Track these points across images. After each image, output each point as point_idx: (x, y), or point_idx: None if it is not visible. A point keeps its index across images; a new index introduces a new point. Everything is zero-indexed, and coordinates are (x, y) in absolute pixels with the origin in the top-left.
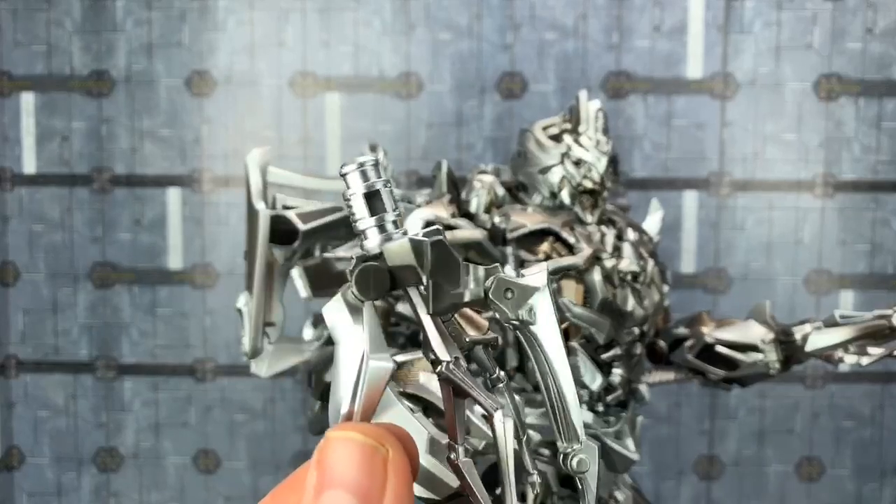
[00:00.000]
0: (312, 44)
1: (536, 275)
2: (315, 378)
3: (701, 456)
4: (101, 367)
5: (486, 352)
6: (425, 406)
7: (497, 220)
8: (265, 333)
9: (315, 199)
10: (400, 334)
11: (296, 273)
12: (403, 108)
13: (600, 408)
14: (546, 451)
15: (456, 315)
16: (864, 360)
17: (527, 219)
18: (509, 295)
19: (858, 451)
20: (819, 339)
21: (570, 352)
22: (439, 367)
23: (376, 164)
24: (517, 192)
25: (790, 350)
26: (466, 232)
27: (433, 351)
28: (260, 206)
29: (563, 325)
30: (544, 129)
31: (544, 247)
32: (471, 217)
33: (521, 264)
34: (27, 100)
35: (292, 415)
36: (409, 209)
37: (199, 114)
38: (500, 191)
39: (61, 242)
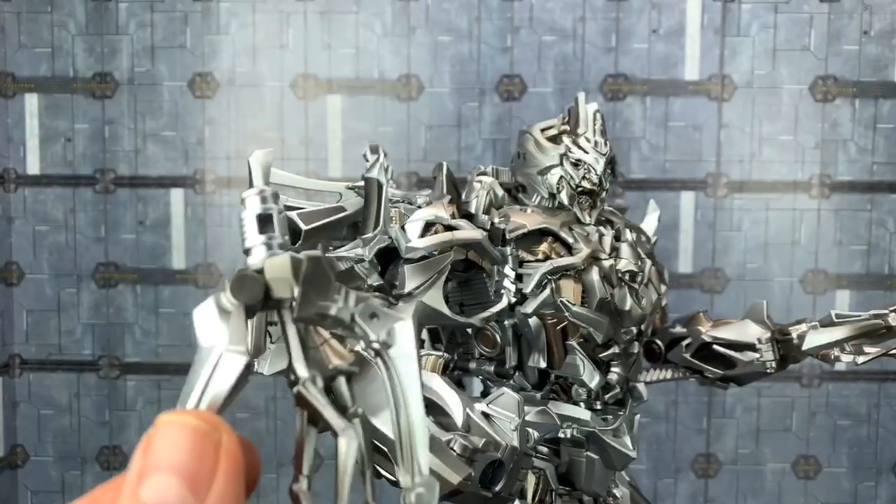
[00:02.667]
0: (314, 46)
1: (404, 307)
2: None
3: (698, 454)
4: (104, 366)
5: (348, 384)
6: (426, 405)
7: (497, 220)
8: (267, 332)
9: (316, 199)
10: None
11: None
12: (404, 110)
13: (599, 406)
14: (545, 449)
15: (323, 343)
16: (861, 359)
17: (526, 219)
18: (375, 320)
19: (855, 449)
20: (815, 339)
21: (568, 350)
22: (296, 386)
23: (276, 195)
24: (516, 192)
25: (787, 349)
26: (466, 232)
27: (293, 369)
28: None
29: (562, 325)
30: (543, 130)
31: (543, 247)
32: (471, 218)
33: (520, 264)
34: (31, 101)
35: (294, 413)
36: (410, 210)
37: (201, 115)
38: (500, 192)
39: (65, 243)
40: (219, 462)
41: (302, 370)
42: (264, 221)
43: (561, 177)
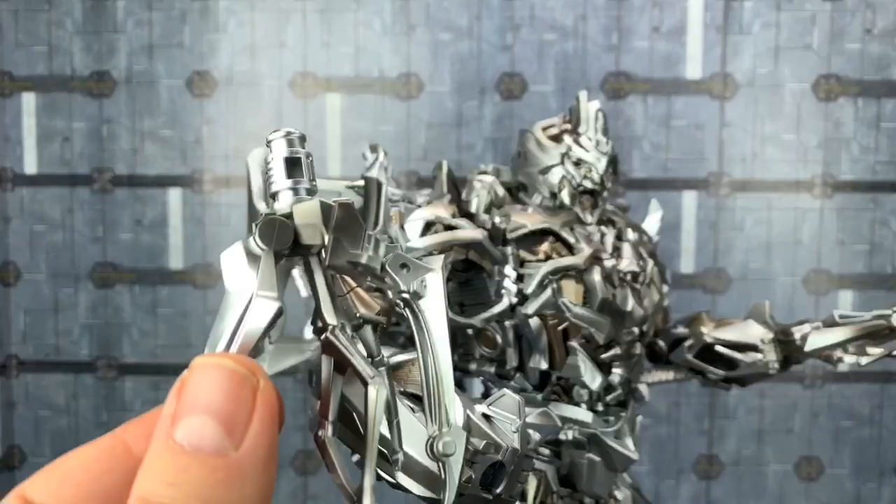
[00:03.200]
0: (313, 44)
1: (434, 258)
2: (316, 377)
3: (700, 455)
4: (102, 367)
5: (374, 333)
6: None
7: (497, 220)
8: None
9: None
10: (400, 334)
11: (296, 272)
12: (403, 109)
13: (600, 407)
14: (546, 451)
15: (350, 293)
16: (863, 360)
17: (527, 219)
18: (405, 271)
19: (857, 450)
20: (818, 339)
21: (570, 351)
22: (324, 333)
23: (303, 138)
24: (517, 192)
25: (789, 350)
26: (467, 232)
27: (322, 315)
28: (261, 206)
29: (563, 325)
30: (544, 129)
31: (544, 247)
32: (471, 217)
33: (521, 264)
34: (28, 100)
35: (293, 414)
36: (410, 209)
37: (199, 114)
38: (500, 191)
39: (62, 242)
40: (255, 406)
41: (330, 317)
42: (292, 165)
43: (562, 176)
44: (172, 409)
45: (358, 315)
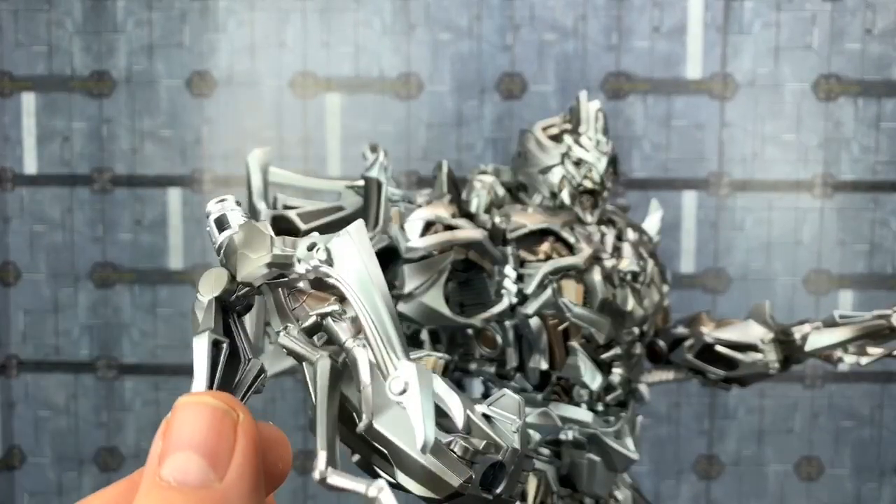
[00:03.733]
0: (313, 44)
1: (353, 224)
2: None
3: (700, 455)
4: (101, 367)
5: (336, 322)
6: None
7: (497, 220)
8: (266, 333)
9: (315, 199)
10: None
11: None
12: (403, 109)
13: (600, 407)
14: (546, 451)
15: (306, 300)
16: (864, 360)
17: (527, 219)
18: (313, 251)
19: (857, 450)
20: (818, 339)
21: (570, 351)
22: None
23: (239, 203)
24: (517, 192)
25: (789, 350)
26: (467, 232)
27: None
28: (261, 206)
29: (563, 325)
30: (544, 129)
31: (544, 247)
32: (471, 217)
33: (521, 264)
34: (28, 100)
35: (293, 414)
36: (410, 209)
37: (199, 114)
38: (501, 191)
39: (62, 242)
40: (237, 439)
41: (276, 324)
42: (221, 223)
43: (563, 176)
44: (159, 450)
45: (312, 313)
